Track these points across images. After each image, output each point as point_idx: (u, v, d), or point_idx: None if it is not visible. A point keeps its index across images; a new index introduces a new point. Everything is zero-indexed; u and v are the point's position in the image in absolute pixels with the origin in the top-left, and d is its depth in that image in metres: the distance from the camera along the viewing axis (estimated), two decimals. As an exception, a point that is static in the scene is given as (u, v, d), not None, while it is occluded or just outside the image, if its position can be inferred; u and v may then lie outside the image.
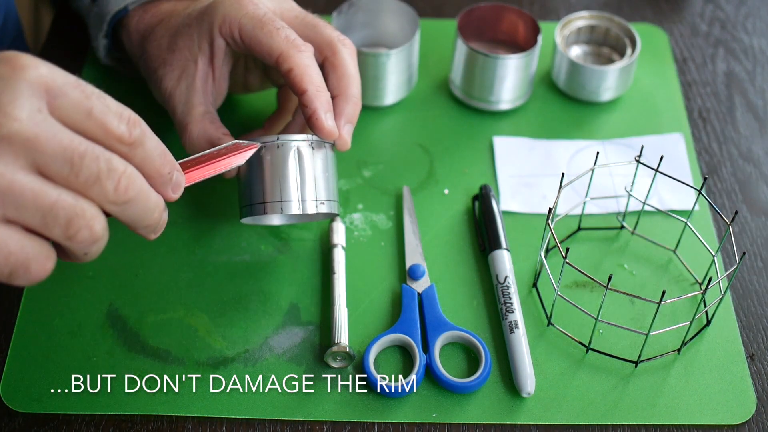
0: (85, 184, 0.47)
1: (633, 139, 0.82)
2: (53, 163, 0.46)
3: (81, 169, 0.47)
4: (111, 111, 0.49)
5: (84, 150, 0.47)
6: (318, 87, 0.64)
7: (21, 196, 0.46)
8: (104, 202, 0.48)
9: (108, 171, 0.48)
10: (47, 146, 0.46)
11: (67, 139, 0.47)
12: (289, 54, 0.64)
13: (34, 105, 0.46)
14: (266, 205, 0.64)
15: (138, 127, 0.50)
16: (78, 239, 0.48)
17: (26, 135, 0.45)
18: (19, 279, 0.48)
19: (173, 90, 0.68)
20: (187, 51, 0.68)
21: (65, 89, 0.47)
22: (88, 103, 0.48)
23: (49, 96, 0.47)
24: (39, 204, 0.46)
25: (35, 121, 0.46)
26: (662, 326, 0.67)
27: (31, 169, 0.46)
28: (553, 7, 0.95)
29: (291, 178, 0.64)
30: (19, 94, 0.46)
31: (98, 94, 0.49)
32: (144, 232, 0.53)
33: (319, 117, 0.64)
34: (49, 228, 0.47)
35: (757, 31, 0.93)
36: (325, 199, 0.65)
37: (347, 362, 0.66)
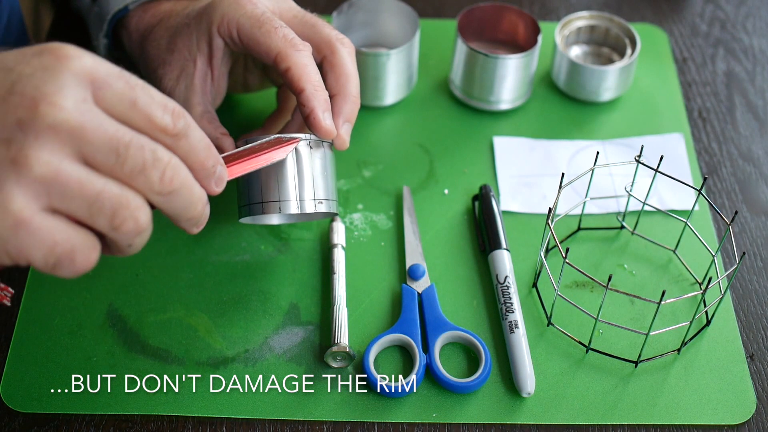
0: (131, 174, 0.47)
1: (633, 139, 0.82)
2: (99, 152, 0.46)
3: (126, 158, 0.47)
4: (155, 102, 0.49)
5: (129, 140, 0.47)
6: (316, 86, 0.64)
7: (67, 186, 0.45)
8: (149, 192, 0.48)
9: (153, 161, 0.48)
10: (93, 136, 0.46)
11: (112, 128, 0.47)
12: (287, 53, 0.64)
13: (79, 95, 0.46)
14: (264, 205, 0.64)
15: (182, 118, 0.50)
16: (123, 230, 0.47)
17: (72, 124, 0.45)
18: (64, 270, 0.47)
19: (172, 90, 0.68)
20: (186, 51, 0.68)
21: (110, 80, 0.47)
22: (132, 94, 0.48)
23: (93, 86, 0.47)
24: (85, 193, 0.46)
25: (81, 111, 0.46)
26: (662, 326, 0.67)
27: (77, 159, 0.46)
28: (553, 7, 0.95)
29: (289, 178, 0.64)
30: (65, 84, 0.46)
31: (142, 85, 0.49)
32: (186, 225, 0.53)
33: (316, 116, 0.64)
34: (94, 218, 0.47)
35: (757, 31, 0.93)
36: (324, 199, 0.65)
37: (347, 362, 0.66)
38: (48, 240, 0.46)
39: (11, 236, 0.45)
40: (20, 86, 0.45)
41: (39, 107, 0.45)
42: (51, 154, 0.45)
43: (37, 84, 0.45)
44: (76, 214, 0.47)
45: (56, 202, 0.46)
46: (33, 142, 0.45)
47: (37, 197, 0.45)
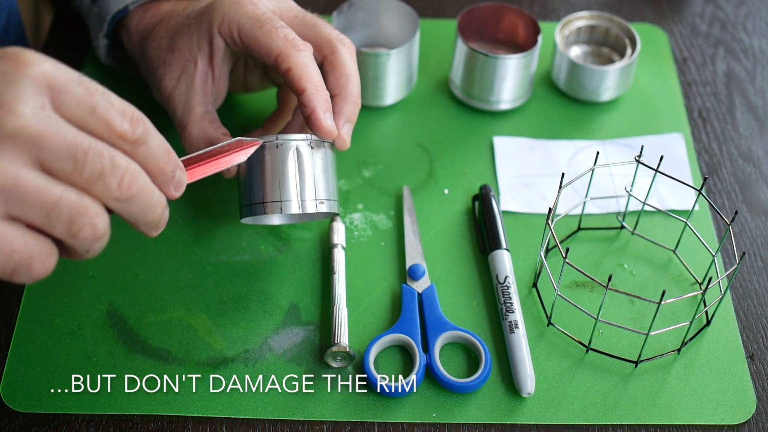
0: (89, 181, 0.47)
1: (633, 139, 0.82)
2: (57, 159, 0.46)
3: (85, 165, 0.47)
4: (114, 108, 0.49)
5: (88, 146, 0.47)
6: (317, 86, 0.64)
7: (25, 193, 0.45)
8: (107, 198, 0.48)
9: (112, 167, 0.47)
10: (51, 143, 0.46)
11: (71, 135, 0.46)
12: (288, 53, 0.64)
13: (37, 101, 0.46)
14: (266, 205, 0.64)
15: (141, 124, 0.50)
16: (81, 236, 0.47)
17: (30, 131, 0.45)
18: (21, 276, 0.47)
19: (173, 90, 0.68)
20: (186, 51, 0.68)
21: (69, 86, 0.47)
22: (91, 100, 0.48)
23: (52, 92, 0.47)
24: (43, 201, 0.46)
25: (39, 118, 0.46)
26: (662, 326, 0.67)
27: (35, 166, 0.46)
28: (553, 7, 0.95)
29: (290, 178, 0.64)
30: (23, 91, 0.46)
31: (102, 91, 0.49)
32: (145, 229, 0.53)
33: (317, 116, 0.64)
34: (52, 225, 0.47)
35: (757, 31, 0.93)
36: (325, 199, 0.65)
37: (347, 362, 0.66)
38: (5, 247, 0.46)
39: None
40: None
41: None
42: (9, 162, 0.45)
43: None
44: (33, 221, 0.46)
45: (14, 210, 0.46)
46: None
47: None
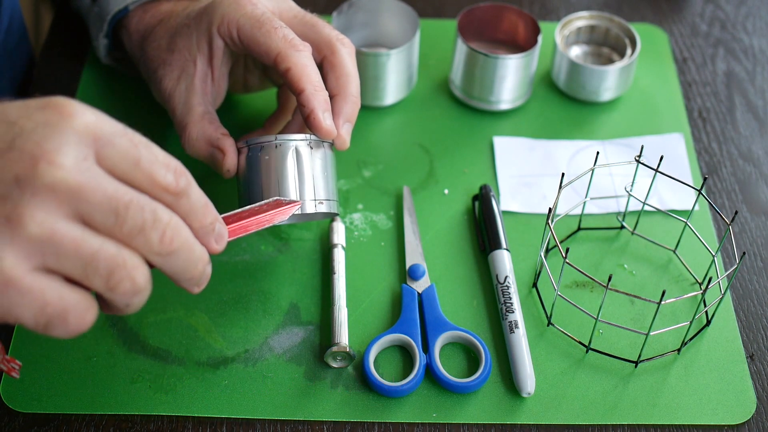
0: (130, 235, 0.46)
1: (633, 139, 0.82)
2: (97, 212, 0.45)
3: (126, 219, 0.46)
4: (158, 160, 0.48)
5: (129, 200, 0.46)
6: (316, 86, 0.64)
7: (61, 246, 0.45)
8: (148, 253, 0.47)
9: (153, 222, 0.47)
10: (92, 196, 0.45)
11: (112, 188, 0.46)
12: (287, 53, 0.64)
13: (80, 153, 0.45)
14: None
15: (184, 176, 0.49)
16: (120, 290, 0.47)
17: (70, 184, 0.44)
18: (57, 330, 0.46)
19: (172, 90, 0.68)
20: (186, 51, 0.68)
21: (113, 138, 0.47)
22: (136, 153, 0.47)
23: (96, 144, 0.46)
24: (80, 254, 0.45)
25: (80, 170, 0.45)
26: (662, 326, 0.67)
27: (74, 218, 0.45)
28: (553, 7, 0.95)
29: (289, 178, 0.64)
30: (66, 142, 0.45)
31: (145, 143, 0.48)
32: (187, 285, 0.52)
33: (316, 116, 0.63)
34: (89, 278, 0.46)
35: (757, 31, 0.93)
36: (324, 199, 0.65)
37: (347, 362, 0.66)
38: (39, 300, 0.45)
39: (0, 294, 0.44)
40: (20, 141, 0.44)
41: (38, 165, 0.44)
42: (47, 214, 0.44)
43: (38, 140, 0.44)
44: (70, 274, 0.46)
45: (50, 262, 0.45)
46: (29, 200, 0.44)
47: (30, 256, 0.44)
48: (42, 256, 0.45)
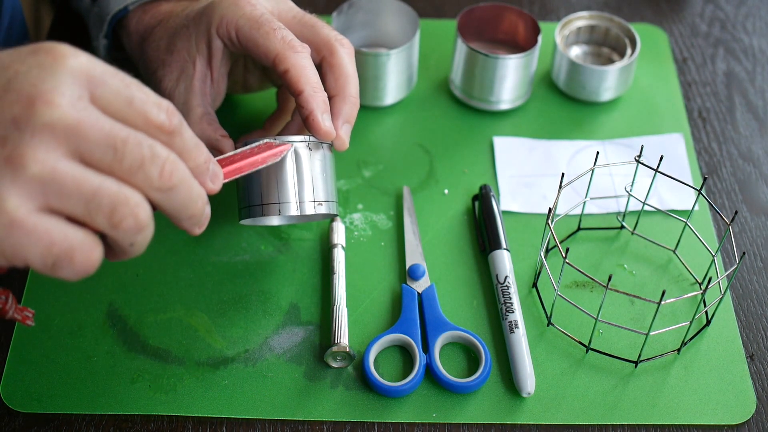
0: (129, 171, 0.47)
1: (633, 139, 0.82)
2: (96, 149, 0.46)
3: (124, 154, 0.46)
4: (150, 100, 0.48)
5: (126, 136, 0.46)
6: (314, 87, 0.64)
7: (63, 184, 0.45)
8: (149, 188, 0.48)
9: (152, 157, 0.47)
10: (89, 133, 0.45)
11: (108, 125, 0.46)
12: (286, 55, 0.64)
13: (75, 92, 0.45)
14: (264, 207, 0.64)
15: (176, 115, 0.49)
16: (123, 227, 0.47)
17: (68, 122, 0.45)
18: (64, 270, 0.46)
19: (172, 91, 0.68)
20: (185, 52, 0.68)
21: (105, 78, 0.47)
22: (128, 92, 0.48)
23: (90, 85, 0.46)
24: (82, 191, 0.45)
25: (77, 108, 0.45)
26: (662, 326, 0.67)
27: (74, 157, 0.46)
28: (553, 7, 0.95)
29: (288, 180, 0.64)
30: (61, 82, 0.45)
31: (137, 83, 0.48)
32: (188, 225, 0.52)
33: (315, 118, 0.63)
34: (92, 216, 0.46)
35: (757, 31, 0.93)
36: (324, 200, 0.65)
37: (347, 362, 0.66)
38: (44, 239, 0.45)
39: (6, 236, 0.44)
40: (16, 84, 0.45)
41: (35, 105, 0.44)
42: (47, 153, 0.45)
43: (33, 82, 0.45)
44: (73, 213, 0.46)
45: (53, 201, 0.45)
46: (29, 140, 0.44)
47: (33, 196, 0.45)
48: (44, 195, 0.45)
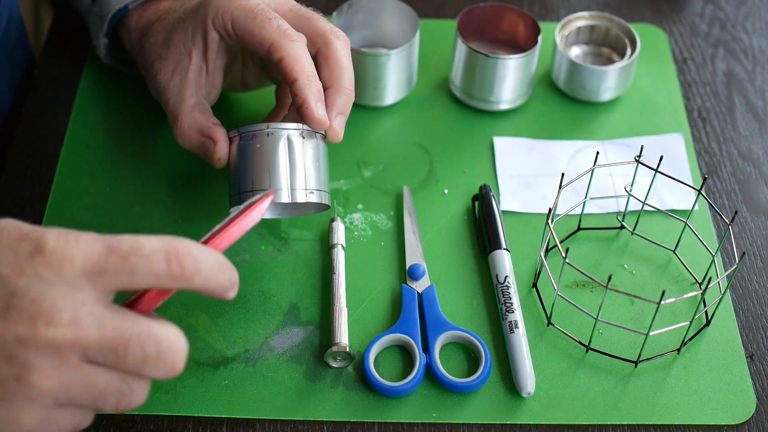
0: (134, 369, 0.48)
1: (633, 139, 0.82)
2: (99, 355, 0.47)
3: (126, 357, 0.48)
4: (153, 258, 0.48)
5: (128, 339, 0.48)
6: (309, 76, 0.64)
7: (71, 391, 0.47)
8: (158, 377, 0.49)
9: (157, 354, 0.48)
10: (91, 344, 0.47)
11: (110, 329, 0.47)
12: (281, 43, 0.64)
13: (76, 302, 0.47)
14: (255, 194, 0.63)
15: (188, 257, 0.49)
16: (126, 410, 0.50)
17: (69, 339, 0.46)
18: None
19: (167, 83, 0.69)
20: (181, 45, 0.68)
21: (102, 264, 0.48)
22: (127, 264, 0.48)
23: (91, 280, 0.47)
24: (89, 392, 0.48)
25: (77, 322, 0.47)
26: (662, 326, 0.67)
27: (80, 360, 0.47)
28: (553, 7, 0.95)
29: (281, 166, 0.63)
30: (59, 296, 0.46)
31: (129, 245, 0.48)
32: None
33: (309, 105, 0.63)
34: (100, 407, 0.49)
35: (757, 31, 0.93)
36: (315, 189, 0.64)
37: (347, 362, 0.66)
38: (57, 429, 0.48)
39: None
40: (16, 301, 0.46)
41: (36, 325, 0.46)
42: (53, 369, 0.46)
43: (33, 298, 0.46)
44: (81, 406, 0.49)
45: (63, 401, 0.48)
46: (35, 358, 0.46)
47: (45, 405, 0.47)
48: (56, 402, 0.47)
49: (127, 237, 0.49)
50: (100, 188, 0.76)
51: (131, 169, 0.78)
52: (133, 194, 0.76)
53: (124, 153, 0.79)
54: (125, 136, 0.80)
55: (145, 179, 0.77)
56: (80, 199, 0.75)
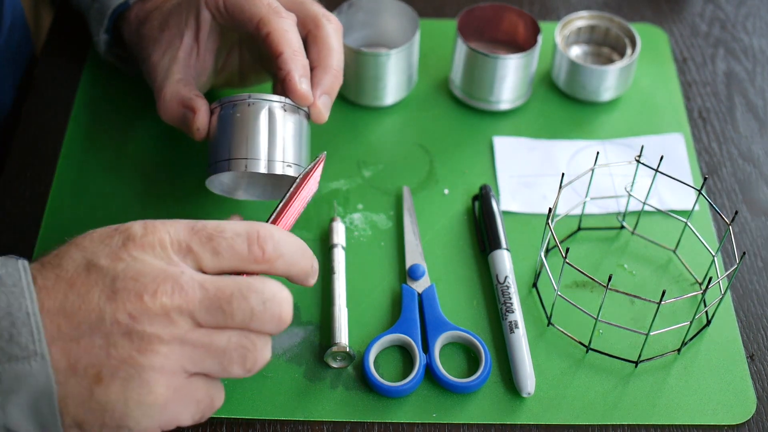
0: (242, 323, 0.51)
1: (633, 139, 0.82)
2: (208, 316, 0.50)
3: (233, 313, 0.51)
4: (236, 242, 0.52)
5: (230, 294, 0.51)
6: (295, 51, 0.64)
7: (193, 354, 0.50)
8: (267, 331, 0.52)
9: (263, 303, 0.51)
10: (197, 306, 0.50)
11: (212, 290, 0.50)
12: (269, 19, 0.64)
13: (175, 272, 0.50)
14: (231, 162, 0.62)
15: (268, 241, 0.52)
16: (255, 370, 0.53)
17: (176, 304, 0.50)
18: (207, 415, 0.54)
19: (157, 63, 0.69)
20: (175, 28, 0.69)
21: (189, 244, 0.51)
22: (211, 246, 0.52)
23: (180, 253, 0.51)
24: (211, 353, 0.51)
25: (179, 290, 0.50)
26: (662, 326, 0.67)
27: (194, 326, 0.50)
28: (553, 7, 0.95)
29: (260, 136, 0.62)
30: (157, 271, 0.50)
31: (212, 228, 0.52)
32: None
33: (292, 79, 0.63)
34: (228, 370, 0.52)
35: (757, 31, 0.93)
36: (294, 163, 0.63)
37: (347, 362, 0.66)
38: (192, 402, 0.52)
39: (161, 413, 0.50)
40: (120, 283, 0.49)
41: (143, 298, 0.49)
42: (169, 334, 0.49)
43: (135, 276, 0.49)
44: (211, 371, 0.52)
45: (190, 368, 0.51)
46: (149, 328, 0.49)
47: (173, 372, 0.50)
48: (182, 367, 0.50)
49: (210, 221, 0.53)
50: (100, 188, 0.76)
51: (131, 169, 0.78)
52: (133, 194, 0.76)
53: (124, 153, 0.79)
54: (125, 136, 0.80)
55: (145, 179, 0.77)
56: (80, 199, 0.75)
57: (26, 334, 0.48)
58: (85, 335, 0.49)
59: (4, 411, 0.48)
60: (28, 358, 0.48)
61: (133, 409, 0.49)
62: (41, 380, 0.48)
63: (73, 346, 0.49)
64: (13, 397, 0.48)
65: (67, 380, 0.49)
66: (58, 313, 0.49)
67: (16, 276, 0.49)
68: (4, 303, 0.48)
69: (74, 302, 0.49)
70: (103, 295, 0.49)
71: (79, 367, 0.49)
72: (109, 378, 0.49)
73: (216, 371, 0.51)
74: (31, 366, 0.48)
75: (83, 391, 0.49)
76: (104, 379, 0.49)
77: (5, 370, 0.47)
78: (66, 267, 0.50)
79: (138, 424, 0.50)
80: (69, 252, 0.51)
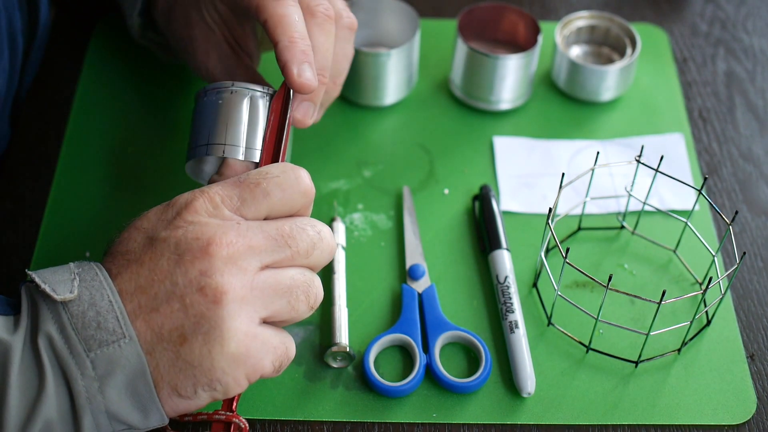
0: (306, 254, 0.54)
1: (633, 139, 0.82)
2: (274, 253, 0.53)
3: (298, 244, 0.54)
4: (282, 177, 0.55)
5: (290, 229, 0.54)
6: (292, 38, 0.62)
7: (264, 295, 0.53)
8: (321, 263, 0.56)
9: (319, 233, 0.55)
10: (261, 246, 0.53)
11: (272, 229, 0.54)
12: (266, 4, 0.62)
13: (233, 224, 0.53)
14: (209, 147, 0.62)
15: (304, 171, 0.56)
16: (316, 305, 0.56)
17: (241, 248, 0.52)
18: (284, 368, 0.55)
19: (206, 64, 0.69)
20: (202, 23, 0.69)
21: (240, 195, 0.54)
22: (261, 190, 0.55)
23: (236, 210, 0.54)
24: (279, 292, 0.53)
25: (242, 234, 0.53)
26: (662, 326, 0.67)
27: (260, 268, 0.53)
28: (553, 7, 0.95)
29: (240, 123, 0.62)
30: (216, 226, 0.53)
31: (256, 173, 0.55)
32: None
33: (289, 70, 0.61)
34: (296, 309, 0.54)
35: (757, 31, 0.93)
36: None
37: (347, 362, 0.66)
38: (270, 348, 0.53)
39: (247, 362, 0.52)
40: (183, 246, 0.52)
41: (209, 251, 0.51)
42: (239, 280, 0.51)
43: (196, 236, 0.52)
44: (280, 313, 0.54)
45: (262, 312, 0.53)
46: (220, 278, 0.51)
47: (249, 317, 0.52)
48: (255, 310, 0.52)
49: (251, 171, 0.55)
50: (100, 188, 0.76)
51: (131, 168, 0.78)
52: (133, 194, 0.76)
53: (124, 153, 0.79)
54: (125, 135, 0.80)
55: (145, 179, 0.77)
56: (80, 199, 0.75)
57: (112, 320, 0.50)
58: (162, 303, 0.51)
59: (104, 395, 0.50)
60: (117, 341, 0.50)
61: (218, 360, 0.51)
62: (133, 360, 0.50)
63: (155, 316, 0.51)
64: (110, 380, 0.50)
65: (154, 348, 0.51)
66: (135, 292, 0.51)
67: (92, 272, 0.52)
68: (87, 296, 0.51)
69: (147, 277, 0.52)
70: (171, 262, 0.51)
71: (164, 332, 0.51)
72: (191, 335, 0.51)
73: (285, 311, 0.53)
74: (121, 348, 0.50)
75: (172, 355, 0.51)
76: (188, 338, 0.51)
77: (98, 356, 0.50)
78: (132, 249, 0.53)
79: (225, 374, 0.51)
80: (131, 236, 0.54)
